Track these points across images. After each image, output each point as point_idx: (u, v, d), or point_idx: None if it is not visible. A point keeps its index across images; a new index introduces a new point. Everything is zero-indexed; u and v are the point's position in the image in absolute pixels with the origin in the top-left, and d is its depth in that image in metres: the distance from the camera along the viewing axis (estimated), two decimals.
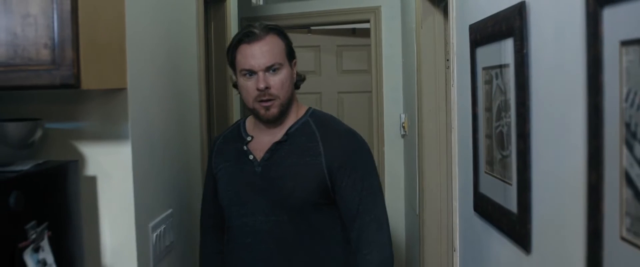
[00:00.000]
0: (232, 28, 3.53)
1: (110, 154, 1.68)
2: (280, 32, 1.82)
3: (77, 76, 1.34)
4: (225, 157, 1.91)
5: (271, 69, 1.76)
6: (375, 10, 4.31)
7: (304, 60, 4.84)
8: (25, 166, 1.40)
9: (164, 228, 1.98)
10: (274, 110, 1.79)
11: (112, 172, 1.68)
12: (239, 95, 1.85)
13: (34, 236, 1.32)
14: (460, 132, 2.27)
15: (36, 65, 1.34)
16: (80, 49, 1.34)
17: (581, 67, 1.12)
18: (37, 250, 1.34)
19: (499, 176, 1.73)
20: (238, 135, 1.91)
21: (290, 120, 1.85)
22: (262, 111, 1.78)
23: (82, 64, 1.35)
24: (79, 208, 1.62)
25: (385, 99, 4.26)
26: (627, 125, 0.96)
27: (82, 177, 1.66)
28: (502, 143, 1.68)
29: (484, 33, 1.82)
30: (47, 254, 1.38)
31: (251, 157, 1.84)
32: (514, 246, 1.60)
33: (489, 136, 1.83)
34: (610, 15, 1.01)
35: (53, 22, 1.33)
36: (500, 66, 1.66)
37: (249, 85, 1.77)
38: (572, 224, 1.19)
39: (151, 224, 1.87)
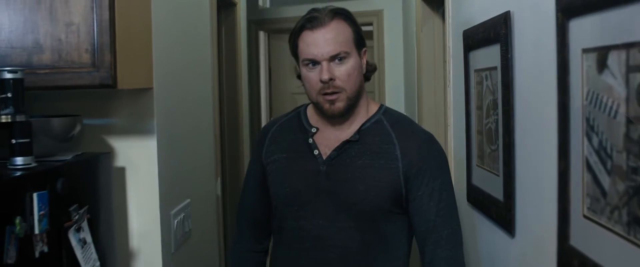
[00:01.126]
0: (242, 31, 3.71)
1: (137, 147, 1.86)
2: (347, 16, 1.60)
3: (114, 77, 1.52)
4: (281, 148, 1.67)
5: (337, 58, 1.54)
6: (378, 14, 4.49)
7: None
8: (67, 157, 1.59)
9: (183, 216, 2.16)
10: (340, 105, 1.56)
11: (139, 163, 1.87)
12: (302, 87, 1.64)
13: (76, 217, 1.51)
14: (455, 129, 2.46)
15: (78, 67, 1.52)
16: (116, 53, 1.53)
17: (553, 70, 1.30)
18: (78, 230, 1.53)
19: (488, 168, 1.91)
20: (299, 124, 1.68)
21: (361, 117, 1.64)
22: (326, 105, 1.57)
23: (118, 66, 1.53)
24: (110, 195, 1.81)
25: (387, 98, 4.45)
26: (587, 120, 1.14)
27: (113, 168, 1.85)
28: (491, 138, 1.86)
29: (475, 38, 2.00)
30: (86, 234, 1.56)
31: (316, 152, 1.62)
32: (501, 231, 1.78)
33: (480, 132, 2.01)
34: (575, 27, 1.19)
35: (93, 30, 1.51)
36: (490, 69, 1.84)
37: (312, 77, 1.56)
38: (547, 207, 1.37)
39: (172, 212, 2.05)
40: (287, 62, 4.98)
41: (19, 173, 1.34)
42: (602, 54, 1.07)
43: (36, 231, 1.34)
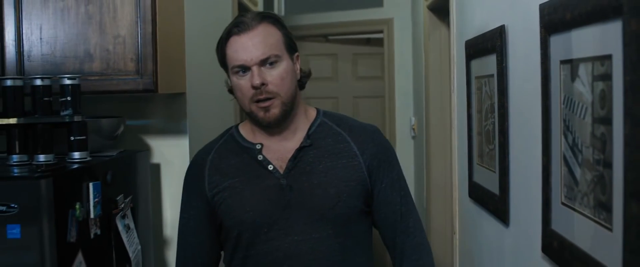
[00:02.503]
0: None
1: (171, 145, 2.08)
2: (275, 20, 1.52)
3: (156, 83, 1.74)
4: (229, 174, 1.53)
5: (267, 62, 1.45)
6: (388, 22, 4.70)
7: (322, 67, 5.25)
8: (113, 153, 1.81)
9: None
10: (275, 112, 1.47)
11: (173, 160, 2.09)
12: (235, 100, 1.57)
13: (122, 206, 1.73)
14: (458, 131, 2.66)
15: (124, 74, 1.75)
16: (157, 62, 1.75)
17: (538, 78, 1.50)
18: (124, 217, 1.75)
19: (486, 166, 2.11)
20: (237, 146, 1.56)
21: (303, 122, 1.56)
22: (260, 114, 1.47)
23: (159, 74, 1.75)
24: (148, 188, 2.03)
25: (397, 103, 4.65)
26: (564, 121, 1.35)
27: (150, 164, 2.07)
28: (489, 138, 2.06)
29: (476, 48, 2.20)
30: (130, 221, 1.78)
31: (271, 167, 1.50)
32: (497, 221, 1.98)
33: (479, 133, 2.21)
34: (554, 41, 1.39)
35: (138, 42, 1.74)
36: (488, 76, 2.04)
37: (243, 84, 1.46)
38: (534, 197, 1.57)
39: None
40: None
41: (76, 166, 1.56)
42: (574, 65, 1.27)
43: (92, 216, 1.55)
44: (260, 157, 1.51)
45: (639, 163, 0.98)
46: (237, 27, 1.47)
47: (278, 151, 1.53)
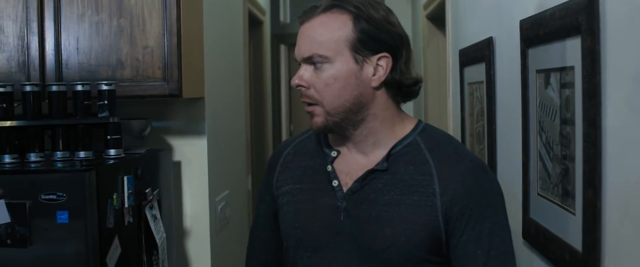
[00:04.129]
0: (267, 46, 4.16)
1: (191, 145, 2.29)
2: (352, 9, 1.22)
3: (180, 89, 1.95)
4: (294, 176, 1.35)
5: (311, 62, 1.23)
6: None
7: None
8: (141, 151, 2.02)
9: (224, 204, 2.59)
10: (317, 120, 1.25)
11: (192, 158, 2.30)
12: None
13: (150, 198, 1.94)
14: (453, 133, 2.87)
15: (152, 80, 1.96)
16: (182, 69, 1.96)
17: (519, 85, 1.71)
18: (151, 207, 1.96)
19: None
20: (317, 146, 1.35)
21: (387, 137, 1.29)
22: (310, 117, 1.28)
23: (183, 80, 1.97)
24: (170, 183, 2.24)
25: None
26: (539, 122, 1.55)
27: (172, 162, 2.28)
28: (479, 139, 2.27)
29: (468, 57, 2.41)
30: (156, 211, 1.99)
31: (335, 183, 1.28)
32: None
33: (471, 135, 2.42)
34: (531, 53, 1.60)
35: (165, 52, 1.95)
36: (478, 83, 2.25)
37: None
38: (516, 191, 1.78)
39: (217, 199, 2.48)
40: None
41: (112, 161, 1.78)
42: (547, 75, 1.48)
43: (126, 205, 1.76)
44: (329, 168, 1.29)
45: (593, 157, 1.19)
46: (305, 12, 1.26)
47: (351, 164, 1.29)
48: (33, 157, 1.74)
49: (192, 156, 2.31)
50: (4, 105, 1.72)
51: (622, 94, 1.10)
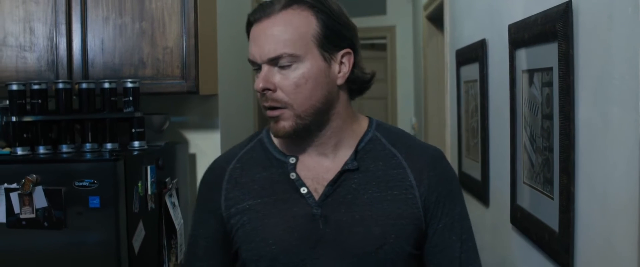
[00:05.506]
0: None
1: (205, 139, 2.47)
2: (314, 3, 1.16)
3: (197, 86, 2.12)
4: (251, 191, 1.22)
5: (278, 62, 1.13)
6: (391, 30, 5.08)
7: None
8: (161, 143, 2.19)
9: None
10: (285, 125, 1.16)
11: (206, 151, 2.47)
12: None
13: (170, 186, 2.11)
14: (451, 128, 3.04)
15: (171, 78, 2.13)
16: (199, 68, 2.13)
17: (507, 84, 1.87)
18: (171, 195, 2.13)
19: (472, 158, 2.48)
20: (267, 156, 1.24)
21: (348, 136, 1.23)
22: (271, 123, 1.18)
23: (200, 78, 2.13)
24: (186, 174, 2.41)
25: (399, 104, 5.03)
26: (525, 118, 1.72)
27: (188, 154, 2.45)
28: (474, 134, 2.44)
29: (463, 57, 2.58)
30: (175, 199, 2.17)
31: (304, 190, 1.19)
32: (480, 204, 2.36)
33: (467, 130, 2.59)
34: (518, 55, 1.77)
35: (183, 52, 2.12)
36: (473, 81, 2.42)
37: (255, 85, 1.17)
38: (505, 181, 1.95)
39: None
40: None
41: (137, 152, 1.95)
42: (531, 74, 1.65)
43: (149, 192, 1.94)
44: (293, 175, 1.19)
45: (567, 147, 1.36)
46: (257, 11, 1.16)
47: (315, 169, 1.21)
48: (65, 148, 1.91)
49: (206, 148, 2.48)
50: (39, 101, 1.89)
51: (591, 91, 1.26)
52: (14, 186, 1.76)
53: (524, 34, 1.67)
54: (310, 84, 1.14)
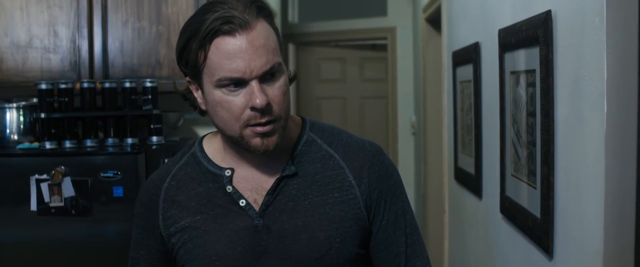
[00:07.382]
0: None
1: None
2: (269, 11, 1.13)
3: None
4: (189, 209, 1.19)
5: (268, 73, 1.10)
6: (392, 31, 5.24)
7: (332, 70, 5.81)
8: (176, 138, 2.35)
9: None
10: (275, 139, 1.13)
11: None
12: (202, 114, 1.22)
13: None
14: (448, 126, 3.19)
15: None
16: None
17: (497, 84, 2.03)
18: None
19: (467, 153, 2.64)
20: (201, 170, 1.20)
21: (284, 140, 1.17)
22: (255, 141, 1.11)
23: None
24: None
25: (399, 103, 5.19)
26: (512, 115, 1.88)
27: None
28: (469, 131, 2.59)
29: (459, 58, 2.74)
30: None
31: (243, 202, 1.17)
32: (475, 197, 2.51)
33: (462, 127, 2.75)
34: (506, 57, 1.92)
35: None
36: (467, 81, 2.57)
37: (235, 103, 1.09)
38: (495, 173, 2.10)
39: None
40: (312, 71, 5.76)
41: (155, 146, 2.11)
42: (517, 76, 1.81)
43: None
44: (229, 189, 1.17)
45: (547, 141, 1.52)
46: (228, 23, 1.06)
47: (253, 179, 1.18)
48: (89, 142, 2.07)
49: None
50: (66, 99, 2.05)
51: (567, 92, 1.42)
52: (44, 176, 1.92)
53: (511, 39, 1.83)
54: (288, 92, 1.14)
